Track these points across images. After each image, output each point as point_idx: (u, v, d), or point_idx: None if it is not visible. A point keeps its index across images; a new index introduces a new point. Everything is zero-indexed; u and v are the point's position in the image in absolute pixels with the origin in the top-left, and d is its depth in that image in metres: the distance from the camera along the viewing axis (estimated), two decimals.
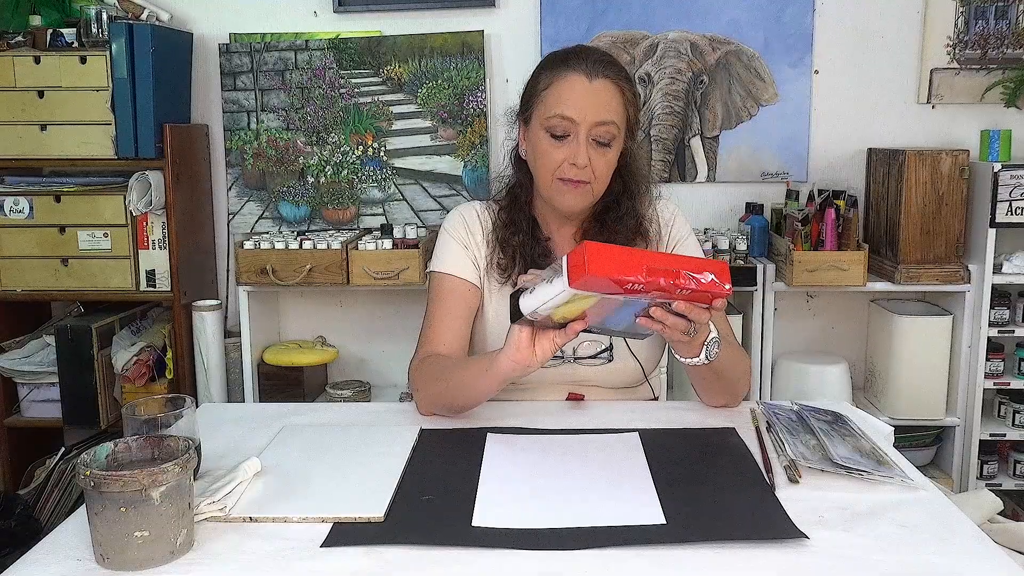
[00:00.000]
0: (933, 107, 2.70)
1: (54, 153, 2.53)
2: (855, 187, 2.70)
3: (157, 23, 2.63)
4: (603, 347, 1.51)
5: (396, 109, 2.73)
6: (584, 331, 1.25)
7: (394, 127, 2.73)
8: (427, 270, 1.59)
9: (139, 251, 2.58)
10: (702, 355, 1.32)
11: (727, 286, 1.16)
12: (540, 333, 1.26)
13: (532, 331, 1.26)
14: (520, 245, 1.52)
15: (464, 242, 1.55)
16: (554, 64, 1.46)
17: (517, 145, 1.56)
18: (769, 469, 1.20)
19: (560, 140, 1.43)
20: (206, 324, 2.61)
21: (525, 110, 1.49)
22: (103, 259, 2.57)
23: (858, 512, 1.08)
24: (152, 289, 2.60)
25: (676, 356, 1.35)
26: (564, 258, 1.12)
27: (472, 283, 1.54)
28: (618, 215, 1.51)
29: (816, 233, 2.47)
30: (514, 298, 1.24)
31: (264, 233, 2.72)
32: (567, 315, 1.21)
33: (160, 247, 2.58)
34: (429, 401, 1.45)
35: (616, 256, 1.10)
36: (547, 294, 1.15)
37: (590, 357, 1.52)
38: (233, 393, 2.69)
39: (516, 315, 1.24)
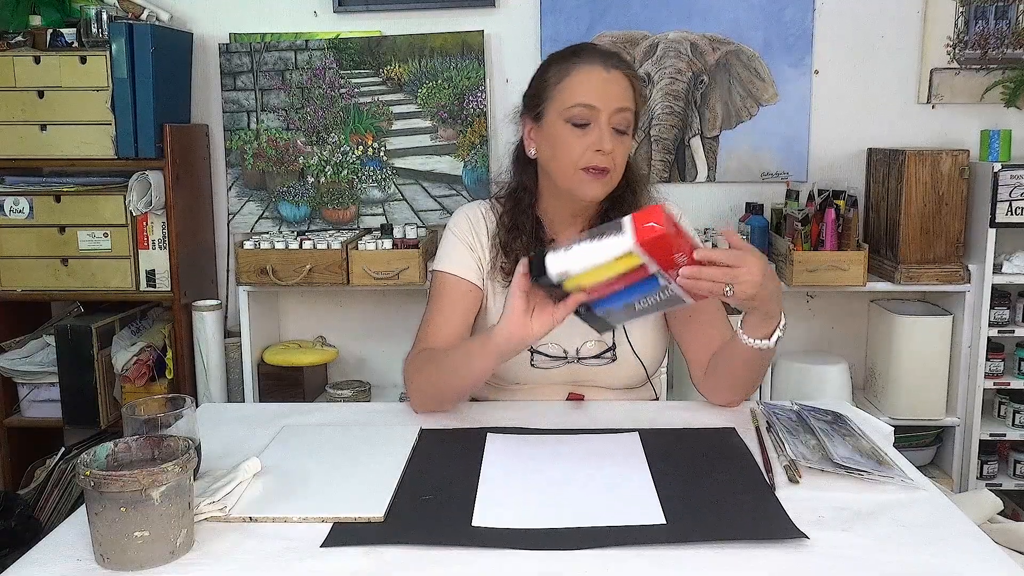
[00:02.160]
0: (933, 107, 2.70)
1: (54, 153, 2.53)
2: (855, 187, 2.70)
3: (157, 23, 2.63)
4: (607, 347, 1.51)
5: (396, 109, 2.73)
6: (581, 314, 1.25)
7: (394, 127, 2.73)
8: (430, 268, 1.59)
9: (139, 251, 2.58)
10: (774, 336, 1.32)
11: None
12: (539, 306, 1.25)
13: (529, 304, 1.25)
14: (524, 248, 1.52)
15: (469, 243, 1.55)
16: (565, 58, 1.47)
17: (518, 146, 1.55)
18: (769, 469, 1.20)
19: (581, 130, 1.43)
20: (206, 324, 2.61)
21: (535, 107, 1.49)
22: (103, 259, 2.57)
23: (858, 512, 1.08)
24: (152, 289, 2.60)
25: (744, 339, 1.33)
26: (627, 217, 1.12)
27: (474, 284, 1.54)
28: (622, 211, 1.51)
29: (816, 233, 2.47)
30: (535, 261, 1.21)
31: (264, 233, 2.72)
32: (583, 283, 1.19)
33: (160, 247, 2.58)
34: (421, 393, 1.45)
35: (675, 225, 1.13)
36: (594, 253, 1.14)
37: (594, 357, 1.52)
38: (233, 393, 2.69)
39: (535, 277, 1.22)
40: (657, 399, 1.64)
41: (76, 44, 2.52)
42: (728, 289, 1.20)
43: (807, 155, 2.72)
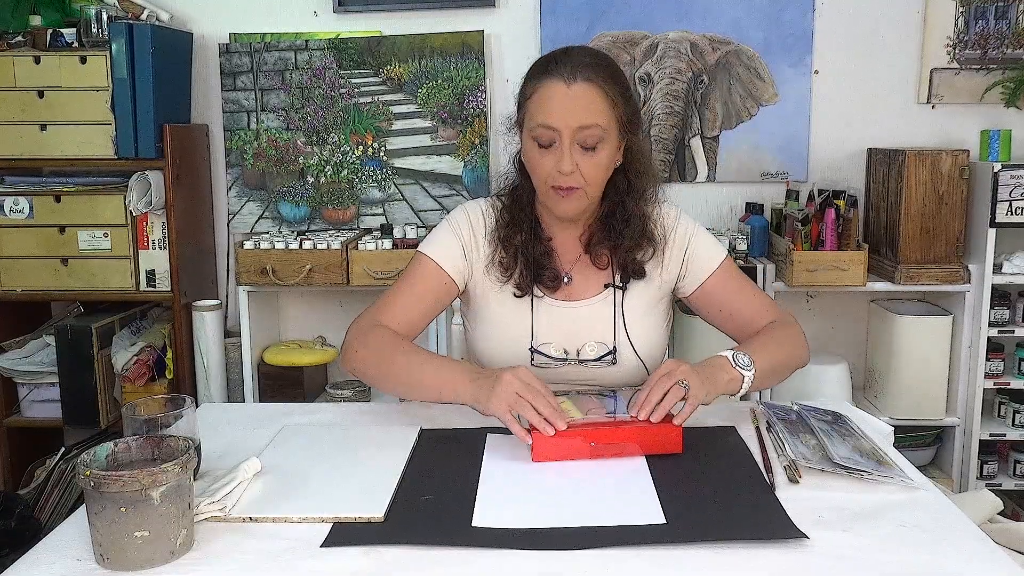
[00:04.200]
0: (933, 107, 2.70)
1: (54, 153, 2.53)
2: (855, 187, 2.70)
3: (157, 23, 2.63)
4: (608, 350, 1.51)
5: (396, 109, 2.73)
6: None
7: (394, 127, 2.73)
8: (417, 248, 1.58)
9: (139, 251, 2.58)
10: (744, 383, 1.35)
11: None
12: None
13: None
14: (522, 244, 1.51)
15: (462, 239, 1.54)
16: (536, 71, 1.44)
17: (519, 150, 1.55)
18: (769, 469, 1.20)
19: (546, 149, 1.41)
20: (206, 324, 2.61)
21: (518, 120, 1.49)
22: (103, 259, 2.57)
23: (858, 512, 1.08)
24: (152, 289, 2.60)
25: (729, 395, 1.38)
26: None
27: (451, 278, 1.52)
28: (625, 217, 1.49)
29: (816, 233, 2.47)
30: None
31: (264, 233, 2.72)
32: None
33: (160, 247, 2.58)
34: (364, 364, 1.45)
35: (563, 442, 1.24)
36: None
37: (595, 360, 1.51)
38: (233, 393, 2.69)
39: None
40: None
41: (76, 44, 2.52)
42: (683, 383, 1.27)
43: (807, 155, 2.72)
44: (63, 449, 2.59)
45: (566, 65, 1.39)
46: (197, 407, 1.23)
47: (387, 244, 2.55)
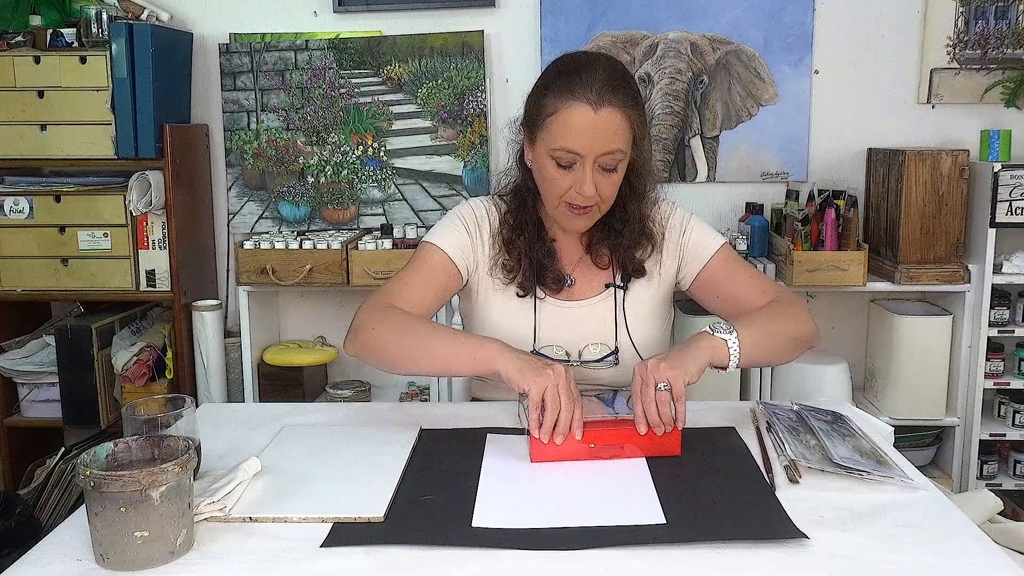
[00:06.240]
0: (933, 107, 2.70)
1: (54, 153, 2.53)
2: (855, 187, 2.70)
3: (157, 23, 2.63)
4: (610, 351, 1.51)
5: (396, 109, 2.73)
6: None
7: (394, 127, 2.73)
8: (422, 238, 1.57)
9: (139, 251, 2.58)
10: (729, 347, 1.33)
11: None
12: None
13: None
14: (526, 246, 1.51)
15: (469, 232, 1.53)
16: (559, 89, 1.40)
17: (522, 149, 1.54)
18: (769, 469, 1.20)
19: (565, 169, 1.41)
20: (206, 324, 2.61)
21: (530, 127, 1.46)
22: (103, 259, 2.57)
23: (858, 512, 1.08)
24: (152, 289, 2.60)
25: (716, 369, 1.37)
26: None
27: (458, 268, 1.51)
28: (624, 217, 1.50)
29: (816, 233, 2.47)
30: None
31: (264, 233, 2.72)
32: None
33: (160, 247, 2.58)
34: (373, 347, 1.40)
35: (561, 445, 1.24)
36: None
37: (596, 361, 1.52)
38: (233, 393, 2.69)
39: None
40: None
41: (76, 44, 2.52)
42: (662, 386, 1.25)
43: (807, 155, 2.72)
44: (63, 449, 2.59)
45: (591, 87, 1.37)
46: (197, 407, 1.23)
47: (387, 244, 2.55)
